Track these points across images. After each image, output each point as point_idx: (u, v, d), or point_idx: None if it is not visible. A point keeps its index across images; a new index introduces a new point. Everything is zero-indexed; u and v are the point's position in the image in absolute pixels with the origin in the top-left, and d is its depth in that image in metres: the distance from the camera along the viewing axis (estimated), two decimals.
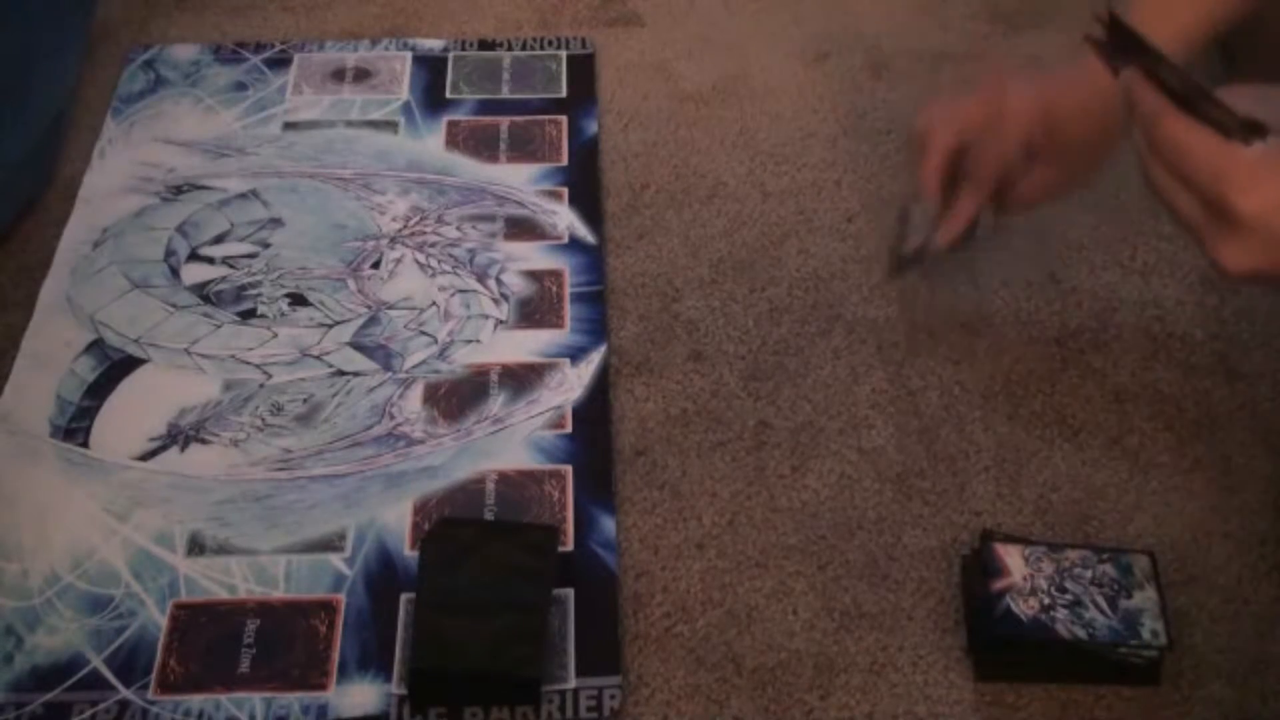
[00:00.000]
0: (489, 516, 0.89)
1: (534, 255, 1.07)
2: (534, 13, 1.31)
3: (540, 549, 0.84)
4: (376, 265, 1.06)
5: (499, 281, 1.05)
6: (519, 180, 1.13)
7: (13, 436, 0.93)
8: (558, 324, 1.02)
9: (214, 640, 0.83)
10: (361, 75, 1.22)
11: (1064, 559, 0.84)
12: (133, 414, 0.95)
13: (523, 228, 1.09)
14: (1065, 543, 0.87)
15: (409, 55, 1.24)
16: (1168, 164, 0.69)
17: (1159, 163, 0.69)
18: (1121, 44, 0.71)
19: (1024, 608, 0.81)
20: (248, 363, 0.98)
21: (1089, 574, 0.83)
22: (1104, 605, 0.82)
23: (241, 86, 1.21)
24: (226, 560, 0.87)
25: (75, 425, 0.94)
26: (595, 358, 0.99)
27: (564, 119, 1.19)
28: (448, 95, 1.21)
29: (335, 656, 0.82)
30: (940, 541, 0.89)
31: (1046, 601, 0.81)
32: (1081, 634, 0.80)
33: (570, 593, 0.85)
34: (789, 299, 1.05)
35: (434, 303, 1.03)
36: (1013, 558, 0.84)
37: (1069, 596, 0.82)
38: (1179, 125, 0.68)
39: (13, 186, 1.07)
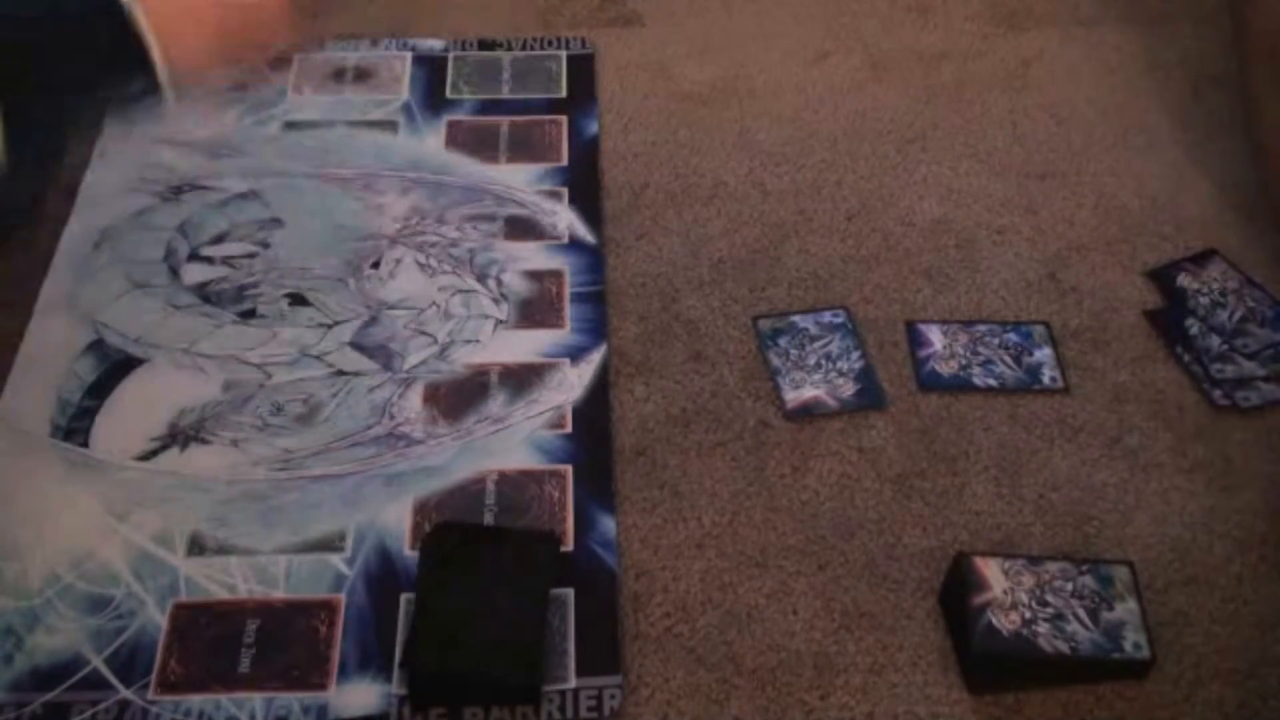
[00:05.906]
0: (489, 516, 0.89)
1: (534, 255, 1.07)
2: (534, 13, 1.31)
3: (540, 550, 0.84)
4: (376, 265, 1.06)
5: (499, 281, 1.05)
6: (519, 180, 1.13)
7: (13, 436, 0.93)
8: (558, 324, 1.02)
9: (214, 640, 0.82)
10: (361, 75, 1.22)
11: (1044, 571, 0.83)
12: (133, 414, 0.95)
13: (523, 228, 1.09)
14: (1044, 555, 0.86)
15: (409, 55, 1.24)
16: None
17: None
18: None
19: (1005, 622, 0.81)
20: (248, 363, 0.98)
21: (1069, 586, 0.82)
22: (1085, 618, 0.81)
23: (241, 87, 1.21)
24: (227, 560, 0.87)
25: (75, 425, 0.94)
26: (595, 358, 0.99)
27: (564, 119, 1.19)
28: (448, 95, 1.21)
29: (335, 656, 0.82)
30: (940, 541, 0.89)
31: (1028, 615, 0.81)
32: (1064, 648, 0.80)
33: (570, 593, 0.85)
34: (789, 299, 1.05)
35: (434, 303, 1.03)
36: (992, 571, 0.83)
37: (1050, 610, 0.81)
38: None
39: (13, 186, 1.07)
